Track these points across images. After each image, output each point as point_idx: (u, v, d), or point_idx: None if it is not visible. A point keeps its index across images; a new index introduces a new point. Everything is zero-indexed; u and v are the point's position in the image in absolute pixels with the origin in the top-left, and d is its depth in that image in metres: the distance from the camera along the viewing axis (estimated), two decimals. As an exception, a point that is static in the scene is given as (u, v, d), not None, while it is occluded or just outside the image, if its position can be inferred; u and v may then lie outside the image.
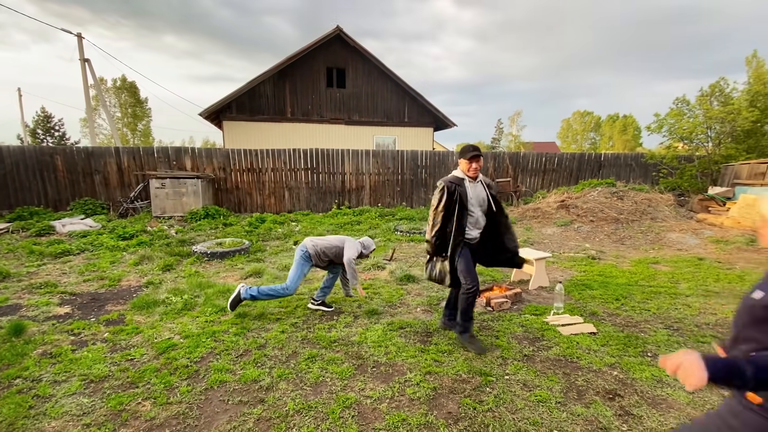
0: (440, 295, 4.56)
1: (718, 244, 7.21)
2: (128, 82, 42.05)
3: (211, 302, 4.22)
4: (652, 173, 12.86)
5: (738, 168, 10.47)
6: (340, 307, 4.18)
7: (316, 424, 2.33)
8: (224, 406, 2.51)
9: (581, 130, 60.11)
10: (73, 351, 3.21)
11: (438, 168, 12.33)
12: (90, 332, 3.59)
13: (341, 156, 11.72)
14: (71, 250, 6.60)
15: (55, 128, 29.02)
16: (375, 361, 3.04)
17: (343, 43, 15.44)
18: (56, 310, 4.10)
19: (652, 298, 4.45)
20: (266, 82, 15.08)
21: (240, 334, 3.50)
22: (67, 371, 2.89)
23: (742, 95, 12.03)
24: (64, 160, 10.27)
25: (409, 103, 16.74)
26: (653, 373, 2.85)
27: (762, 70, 14.36)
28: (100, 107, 32.69)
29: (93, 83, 18.42)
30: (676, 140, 12.08)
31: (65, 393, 2.63)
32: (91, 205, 10.18)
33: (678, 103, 11.84)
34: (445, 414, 2.42)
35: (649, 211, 9.24)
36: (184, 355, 3.13)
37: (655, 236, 7.96)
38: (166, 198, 9.78)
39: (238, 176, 11.23)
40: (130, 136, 43.48)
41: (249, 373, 2.85)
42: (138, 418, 2.39)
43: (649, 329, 3.64)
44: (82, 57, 17.13)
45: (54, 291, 4.69)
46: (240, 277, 5.29)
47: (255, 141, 14.54)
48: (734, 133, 11.34)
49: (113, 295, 4.63)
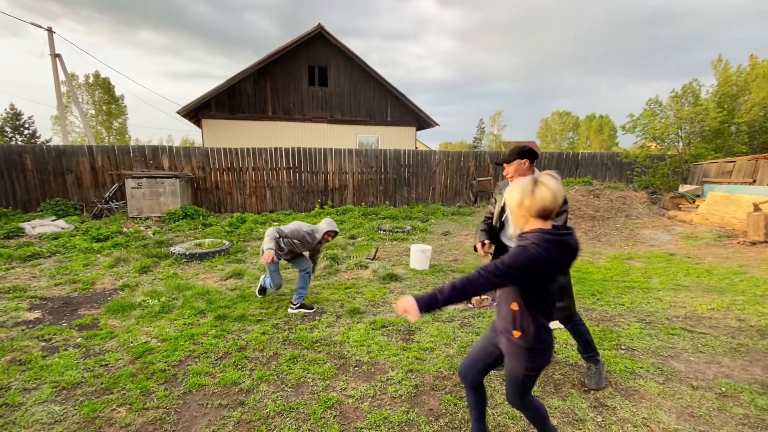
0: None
1: (688, 240, 7.50)
2: (102, 78, 40.71)
3: (190, 304, 4.14)
4: (627, 172, 13.27)
5: (706, 166, 10.91)
6: (322, 307, 4.16)
7: (297, 425, 2.32)
8: (203, 410, 2.47)
9: (560, 130, 61.53)
10: (43, 357, 3.10)
11: (421, 167, 12.41)
12: (62, 338, 3.46)
13: (324, 155, 11.65)
14: (42, 252, 6.36)
15: (24, 126, 27.86)
16: (357, 361, 3.05)
17: (324, 41, 15.34)
18: (26, 316, 3.94)
19: (626, 293, 4.60)
20: (247, 80, 14.84)
21: (220, 337, 3.44)
22: (38, 378, 2.79)
23: (710, 97, 12.56)
24: (34, 159, 9.87)
25: (392, 103, 16.77)
26: (626, 366, 2.95)
27: (728, 73, 15.01)
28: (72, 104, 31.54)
29: (65, 79, 17.74)
30: (649, 140, 12.51)
31: (36, 401, 2.53)
32: (63, 205, 9.81)
33: (651, 104, 12.26)
34: (427, 411, 2.45)
35: (623, 208, 9.53)
36: (162, 359, 3.06)
37: (629, 233, 8.22)
38: (142, 198, 9.52)
39: (218, 175, 11.03)
40: (105, 135, 42.10)
41: (229, 376, 2.81)
42: (112, 425, 2.33)
43: (623, 323, 3.76)
44: (53, 52, 16.47)
45: (23, 295, 4.51)
46: (220, 279, 5.20)
47: (235, 140, 14.30)
48: (703, 133, 11.82)
49: (86, 299, 4.49)
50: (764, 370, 2.91)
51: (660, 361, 3.05)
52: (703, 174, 10.94)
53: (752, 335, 3.46)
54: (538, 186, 1.58)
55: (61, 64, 16.83)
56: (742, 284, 4.89)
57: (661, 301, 4.32)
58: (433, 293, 1.61)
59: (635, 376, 2.82)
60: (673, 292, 4.65)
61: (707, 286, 4.84)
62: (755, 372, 2.88)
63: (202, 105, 14.47)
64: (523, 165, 2.71)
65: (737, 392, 2.62)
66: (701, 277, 5.28)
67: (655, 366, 2.96)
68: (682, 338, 3.43)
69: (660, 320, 3.82)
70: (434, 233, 8.53)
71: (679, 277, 5.29)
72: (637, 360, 3.05)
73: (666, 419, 2.35)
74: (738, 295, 4.48)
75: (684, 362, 3.03)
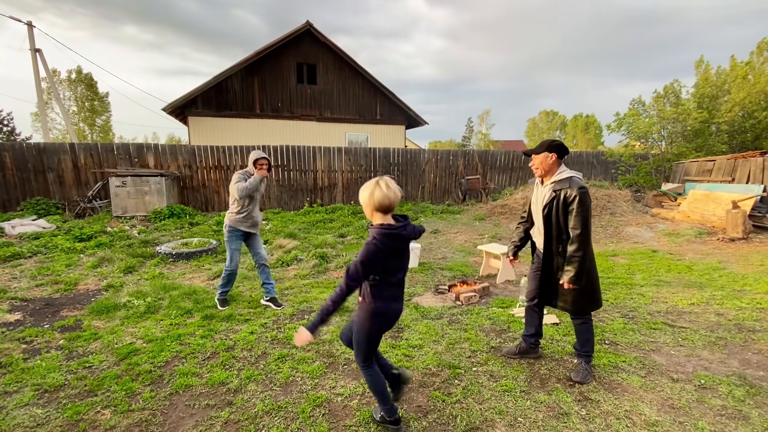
0: (411, 291, 4.63)
1: (670, 237, 7.69)
2: (84, 74, 39.71)
3: (177, 304, 4.09)
4: (612, 170, 13.52)
5: (688, 165, 11.18)
6: (311, 306, 4.16)
7: (285, 424, 2.32)
8: (190, 410, 2.45)
9: (547, 129, 62.31)
10: (25, 360, 3.03)
11: (410, 166, 12.44)
12: (43, 340, 3.39)
13: (313, 153, 11.59)
14: (22, 253, 6.20)
15: (3, 123, 26.97)
16: (346, 359, 3.05)
17: (313, 38, 15.23)
18: (6, 317, 3.84)
19: (610, 289, 4.70)
20: (234, 77, 14.65)
21: (207, 337, 3.41)
22: (19, 381, 2.73)
23: (691, 97, 12.85)
24: (13, 156, 9.60)
25: (381, 101, 16.75)
26: (610, 360, 3.01)
27: (709, 74, 15.37)
28: (53, 101, 30.73)
29: (45, 75, 17.28)
30: (634, 139, 12.76)
31: (17, 404, 2.48)
32: (44, 205, 9.57)
33: (634, 104, 12.50)
34: (415, 408, 2.47)
35: (608, 206, 9.72)
36: (147, 360, 3.02)
37: (614, 230, 8.39)
38: (127, 197, 9.34)
39: (205, 174, 10.89)
40: (88, 132, 41.11)
41: (216, 376, 2.79)
42: (97, 427, 2.29)
43: (607, 318, 3.84)
44: (33, 47, 16.03)
45: (3, 297, 4.39)
46: (207, 279, 5.14)
47: (222, 137, 14.11)
48: (685, 133, 12.10)
49: (69, 300, 4.39)
50: (741, 362, 3.01)
51: (642, 354, 3.13)
52: (684, 172, 11.21)
53: (730, 329, 3.57)
54: (377, 186, 1.91)
55: (42, 59, 16.39)
56: (721, 279, 5.04)
57: (644, 297, 4.43)
58: (322, 308, 1.95)
59: (618, 370, 2.89)
60: (656, 287, 4.77)
61: (688, 282, 4.98)
62: (733, 365, 2.98)
63: (188, 102, 14.25)
64: (550, 159, 2.65)
65: (715, 384, 2.70)
66: (682, 273, 5.42)
67: (637, 360, 3.04)
68: (663, 333, 3.52)
69: (642, 315, 3.91)
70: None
71: (661, 273, 5.42)
72: (621, 354, 3.12)
73: (647, 411, 2.41)
74: (717, 290, 4.61)
75: (665, 356, 3.12)
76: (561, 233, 2.63)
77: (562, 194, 2.58)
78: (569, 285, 2.58)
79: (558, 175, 2.65)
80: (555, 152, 2.64)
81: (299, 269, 5.55)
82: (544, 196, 2.69)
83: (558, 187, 2.61)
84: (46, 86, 24.03)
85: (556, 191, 2.61)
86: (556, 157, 2.65)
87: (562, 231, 2.62)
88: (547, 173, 2.69)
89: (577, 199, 2.51)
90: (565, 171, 2.66)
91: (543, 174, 2.71)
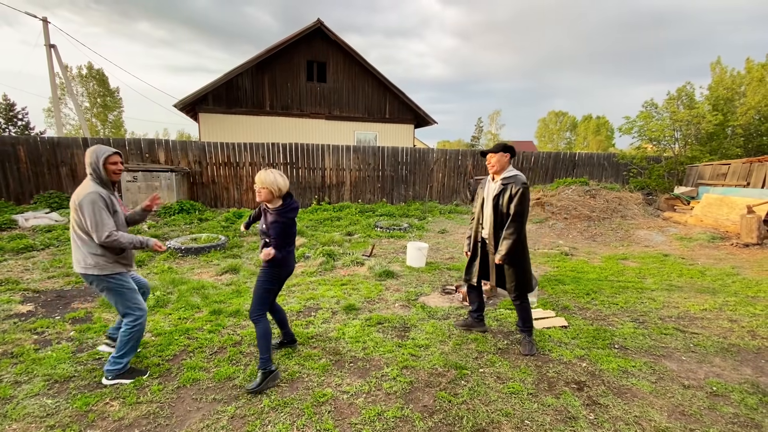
0: (418, 291, 4.61)
1: (682, 241, 7.56)
2: (95, 70, 40.25)
3: (185, 299, 4.12)
4: (623, 173, 13.34)
5: (702, 169, 10.99)
6: (317, 304, 4.16)
7: (291, 420, 2.32)
8: (197, 404, 2.47)
9: (557, 130, 61.67)
10: (36, 350, 3.08)
11: (418, 165, 12.40)
12: (54, 331, 3.44)
13: (321, 151, 11.61)
14: (35, 245, 6.30)
15: (18, 117, 27.50)
16: (352, 357, 3.05)
17: (324, 36, 15.24)
18: (18, 308, 3.91)
19: (620, 293, 4.63)
20: (244, 74, 14.73)
21: (215, 332, 3.44)
22: (30, 371, 2.77)
23: (705, 99, 12.61)
24: (28, 150, 9.76)
25: (391, 100, 16.72)
26: (619, 365, 2.97)
27: (724, 76, 15.09)
28: (66, 96, 31.22)
29: (59, 71, 17.53)
30: (646, 141, 12.58)
31: (27, 394, 2.52)
32: (56, 198, 9.72)
33: (647, 106, 12.31)
34: (421, 407, 2.46)
35: (619, 209, 9.59)
36: (156, 353, 3.05)
37: (624, 233, 8.28)
38: (138, 192, 9.44)
39: (215, 170, 10.96)
40: (101, 127, 41.71)
41: (223, 371, 2.81)
42: (105, 418, 2.32)
43: (617, 322, 3.79)
44: (48, 43, 16.25)
45: (16, 288, 4.47)
46: (216, 274, 5.18)
47: (232, 134, 14.21)
48: (699, 136, 11.89)
49: (80, 293, 4.46)
50: (755, 370, 2.95)
51: (652, 360, 3.08)
52: (698, 176, 11.02)
53: (743, 336, 3.50)
54: (277, 177, 2.62)
55: (56, 55, 16.62)
56: (734, 285, 4.94)
57: (655, 301, 4.36)
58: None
59: (628, 375, 2.84)
60: (667, 292, 4.69)
61: (700, 287, 4.89)
62: (746, 372, 2.92)
63: (199, 99, 14.35)
64: (505, 158, 3.12)
65: (728, 391, 2.65)
66: (694, 278, 5.32)
67: (647, 365, 2.99)
68: (674, 338, 3.46)
69: (653, 320, 3.85)
70: (431, 231, 8.54)
71: (672, 277, 5.33)
72: (630, 359, 3.08)
73: (658, 417, 2.37)
74: (730, 296, 4.52)
75: (676, 361, 3.06)
76: (503, 220, 3.10)
77: (509, 188, 3.06)
78: (500, 261, 3.06)
79: (508, 172, 3.13)
80: (509, 152, 3.14)
81: (306, 266, 5.56)
82: (495, 189, 3.14)
83: (507, 181, 3.09)
84: (60, 82, 24.41)
85: (504, 185, 3.09)
86: (509, 157, 3.14)
87: (505, 218, 3.09)
88: (500, 170, 3.14)
89: (519, 192, 3.00)
90: (513, 170, 3.15)
91: (497, 171, 3.15)
